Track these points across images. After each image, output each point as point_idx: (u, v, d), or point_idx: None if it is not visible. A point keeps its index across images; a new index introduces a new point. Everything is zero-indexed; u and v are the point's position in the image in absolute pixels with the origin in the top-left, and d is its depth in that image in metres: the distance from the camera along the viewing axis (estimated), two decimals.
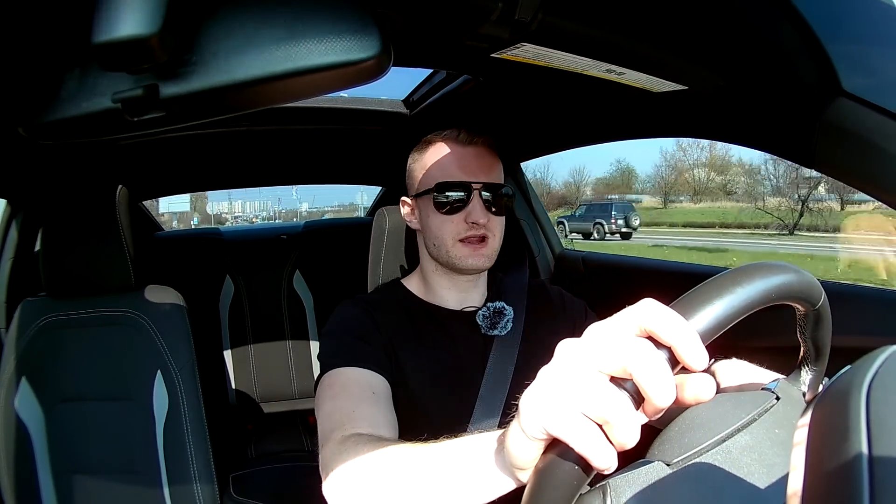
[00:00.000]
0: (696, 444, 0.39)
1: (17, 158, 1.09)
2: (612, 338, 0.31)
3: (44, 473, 1.02)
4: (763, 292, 0.33)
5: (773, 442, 0.39)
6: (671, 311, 0.30)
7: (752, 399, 0.43)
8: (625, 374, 0.30)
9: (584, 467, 0.30)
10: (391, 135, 1.41)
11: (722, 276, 0.33)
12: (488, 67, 0.76)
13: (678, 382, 0.31)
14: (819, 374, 0.45)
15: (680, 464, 0.38)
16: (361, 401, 0.66)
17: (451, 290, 0.84)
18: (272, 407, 1.92)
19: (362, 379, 0.70)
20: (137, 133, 0.35)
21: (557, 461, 0.31)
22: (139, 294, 1.10)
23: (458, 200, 0.77)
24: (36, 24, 0.35)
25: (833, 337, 0.44)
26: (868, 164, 0.56)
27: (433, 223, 0.80)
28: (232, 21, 0.32)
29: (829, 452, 0.23)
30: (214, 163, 1.67)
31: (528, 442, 0.33)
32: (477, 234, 0.78)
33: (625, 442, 0.30)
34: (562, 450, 0.31)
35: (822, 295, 0.39)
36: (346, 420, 0.62)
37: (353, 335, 0.75)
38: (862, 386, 0.24)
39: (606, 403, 0.29)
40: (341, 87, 0.35)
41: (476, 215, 0.77)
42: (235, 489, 1.37)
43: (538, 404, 0.32)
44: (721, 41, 0.62)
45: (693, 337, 0.29)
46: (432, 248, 0.81)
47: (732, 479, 0.37)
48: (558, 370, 0.32)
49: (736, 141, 0.78)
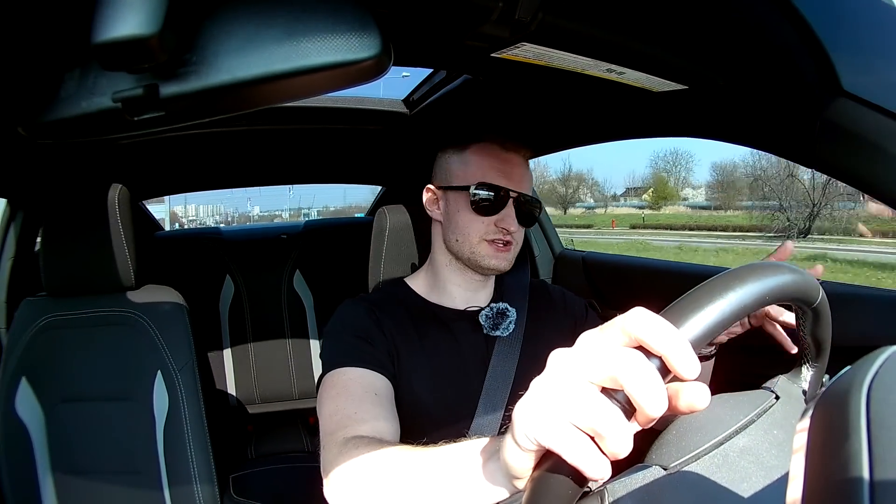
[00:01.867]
0: (693, 448, 0.39)
1: (17, 158, 1.09)
2: (603, 348, 0.31)
3: (44, 473, 1.02)
4: (756, 295, 0.32)
5: (770, 444, 0.39)
6: (661, 320, 0.30)
7: (750, 399, 0.43)
8: (615, 385, 0.30)
9: (578, 478, 0.30)
10: (391, 134, 1.41)
11: (713, 280, 0.33)
12: (488, 67, 0.76)
13: (672, 391, 0.31)
14: (820, 370, 0.45)
15: (677, 468, 0.38)
16: (363, 402, 0.66)
17: (461, 287, 0.84)
18: (272, 407, 1.92)
19: (364, 379, 0.70)
20: (137, 133, 0.35)
21: (551, 471, 0.31)
22: (139, 294, 1.10)
23: (493, 204, 0.79)
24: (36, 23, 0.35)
25: (833, 337, 0.44)
26: (868, 164, 0.56)
27: (462, 219, 0.80)
28: (232, 21, 0.32)
29: (830, 453, 0.23)
30: (214, 162, 1.67)
31: (522, 453, 0.33)
32: (505, 239, 0.80)
33: (617, 452, 0.29)
34: (555, 461, 0.31)
35: (820, 293, 0.38)
36: (347, 422, 0.62)
37: (355, 335, 0.75)
38: (862, 386, 0.24)
39: (597, 415, 0.29)
40: (341, 86, 0.35)
41: (508, 222, 0.79)
42: (235, 489, 1.37)
43: (530, 416, 0.32)
44: (721, 41, 0.62)
45: (684, 346, 0.29)
46: (454, 243, 0.81)
47: (730, 483, 0.37)
48: (549, 381, 0.32)
49: (736, 140, 0.78)
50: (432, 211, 0.85)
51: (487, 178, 0.79)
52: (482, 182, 0.79)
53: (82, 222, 1.05)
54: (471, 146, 0.82)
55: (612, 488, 0.37)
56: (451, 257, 0.83)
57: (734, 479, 0.37)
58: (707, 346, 0.67)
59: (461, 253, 0.81)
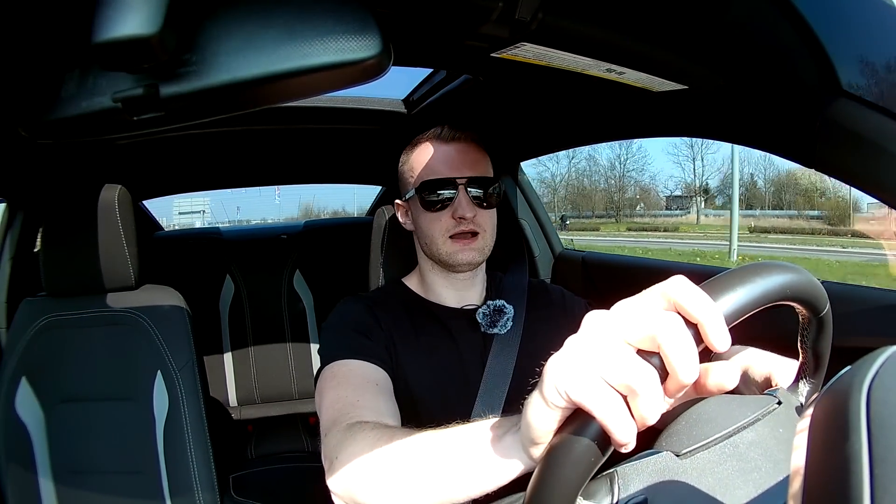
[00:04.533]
0: (704, 437, 0.39)
1: (17, 158, 1.09)
2: (642, 310, 0.31)
3: (44, 473, 1.02)
4: (780, 288, 0.34)
5: (777, 440, 0.39)
6: (700, 290, 0.31)
7: (755, 401, 0.44)
8: (652, 346, 0.30)
9: (602, 442, 0.30)
10: (391, 134, 1.41)
11: (744, 267, 0.34)
12: (488, 67, 0.76)
13: (703, 369, 0.31)
14: (816, 386, 0.46)
15: (688, 455, 0.38)
16: (365, 391, 0.66)
17: (449, 288, 0.84)
18: (272, 407, 1.92)
19: (364, 371, 0.69)
20: (137, 132, 0.35)
21: (576, 434, 0.31)
22: (139, 294, 1.10)
23: (444, 197, 0.78)
24: (36, 23, 0.35)
25: (833, 337, 0.44)
26: (868, 164, 0.56)
27: (423, 222, 0.80)
28: (232, 21, 0.32)
29: (830, 453, 0.23)
30: (214, 162, 1.67)
31: (548, 411, 0.32)
32: (466, 229, 0.78)
33: (647, 416, 0.29)
34: (581, 423, 0.31)
35: (827, 304, 0.39)
36: (350, 409, 0.61)
37: (354, 329, 0.75)
38: (862, 386, 0.24)
39: (632, 372, 0.29)
40: (341, 86, 0.35)
41: (462, 210, 0.77)
42: (235, 490, 1.37)
43: (562, 370, 0.31)
44: (721, 41, 0.62)
45: (720, 317, 0.30)
46: (425, 247, 0.82)
47: (740, 472, 0.37)
48: (585, 339, 0.32)
49: (736, 140, 0.78)
50: (405, 223, 0.86)
51: (432, 174, 0.79)
52: (426, 180, 0.79)
53: (82, 222, 1.05)
54: (414, 149, 0.83)
55: (623, 471, 0.37)
56: (431, 262, 0.84)
57: (744, 469, 0.37)
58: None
59: (434, 256, 0.81)
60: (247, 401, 1.91)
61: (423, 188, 0.79)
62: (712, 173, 26.08)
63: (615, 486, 0.36)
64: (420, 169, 0.81)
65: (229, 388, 1.89)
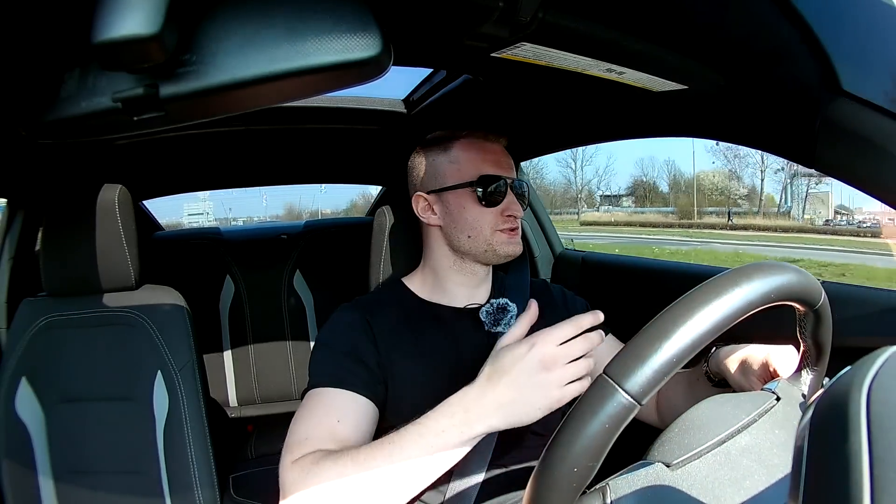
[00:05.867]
0: (695, 446, 0.39)
1: (17, 158, 1.09)
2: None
3: (44, 473, 1.02)
4: (762, 293, 0.33)
5: (772, 443, 0.39)
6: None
7: (751, 400, 0.43)
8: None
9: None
10: (391, 134, 1.41)
11: (721, 276, 0.34)
12: (488, 67, 0.76)
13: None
14: (820, 374, 0.46)
15: (679, 465, 0.38)
16: (335, 426, 0.69)
17: (463, 286, 0.84)
18: (272, 407, 1.92)
19: (342, 402, 0.70)
20: (137, 132, 0.35)
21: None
22: (139, 294, 1.10)
23: (498, 194, 0.81)
24: (36, 23, 0.35)
25: (833, 337, 0.44)
26: (868, 164, 0.56)
27: (471, 215, 0.81)
28: (232, 21, 0.32)
29: (830, 453, 0.23)
30: (214, 162, 1.67)
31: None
32: (515, 225, 0.83)
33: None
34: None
35: (822, 295, 0.39)
36: (313, 441, 0.66)
37: (343, 351, 0.74)
38: (862, 386, 0.24)
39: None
40: (341, 86, 0.35)
41: (514, 209, 0.82)
42: (235, 489, 1.37)
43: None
44: (722, 41, 0.62)
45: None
46: (465, 240, 0.82)
47: (732, 481, 0.37)
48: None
49: (736, 140, 0.78)
50: (428, 217, 0.85)
51: (485, 171, 0.80)
52: (483, 175, 0.80)
53: (82, 222, 1.05)
54: (454, 143, 0.83)
55: (615, 485, 0.37)
56: (456, 258, 0.83)
57: (737, 477, 0.37)
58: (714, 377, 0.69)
59: (475, 248, 0.81)
60: (247, 400, 1.91)
61: (482, 182, 0.80)
62: (592, 178, 34.26)
63: (607, 499, 0.36)
64: (469, 165, 0.82)
65: (229, 388, 1.89)
